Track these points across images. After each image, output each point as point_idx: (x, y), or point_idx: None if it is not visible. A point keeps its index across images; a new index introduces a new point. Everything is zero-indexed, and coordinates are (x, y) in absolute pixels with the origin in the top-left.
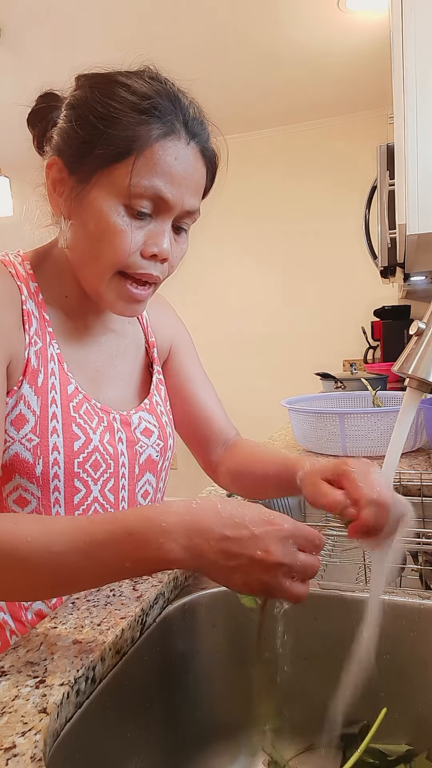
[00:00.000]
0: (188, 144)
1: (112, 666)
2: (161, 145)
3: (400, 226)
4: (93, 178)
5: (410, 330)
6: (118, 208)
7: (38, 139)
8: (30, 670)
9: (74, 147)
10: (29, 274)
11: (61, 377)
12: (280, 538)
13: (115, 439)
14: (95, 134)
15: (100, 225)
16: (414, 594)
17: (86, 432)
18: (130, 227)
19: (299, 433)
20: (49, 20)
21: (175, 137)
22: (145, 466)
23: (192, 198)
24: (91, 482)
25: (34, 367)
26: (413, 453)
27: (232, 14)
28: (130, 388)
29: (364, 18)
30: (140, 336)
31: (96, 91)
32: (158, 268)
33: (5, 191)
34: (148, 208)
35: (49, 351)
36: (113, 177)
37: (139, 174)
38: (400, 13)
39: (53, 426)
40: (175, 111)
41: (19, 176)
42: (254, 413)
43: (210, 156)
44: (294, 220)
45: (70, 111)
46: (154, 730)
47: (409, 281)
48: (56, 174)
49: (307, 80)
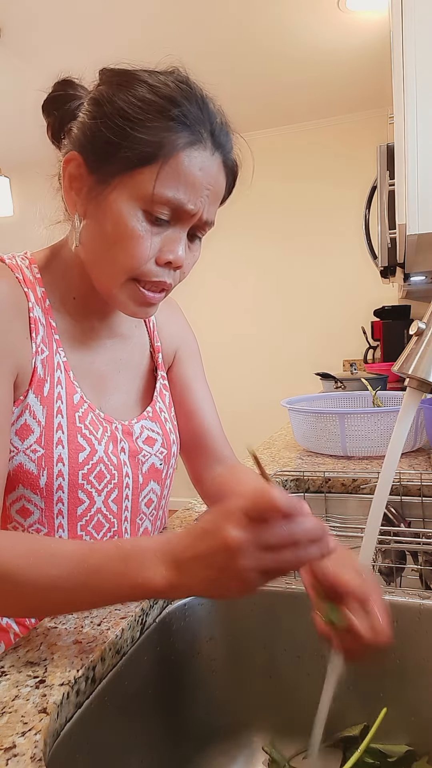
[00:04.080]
0: (213, 154)
1: (112, 666)
2: (187, 154)
3: (400, 226)
4: (114, 180)
5: (410, 330)
6: (137, 213)
7: (53, 128)
8: (30, 670)
9: (97, 146)
10: (36, 279)
11: (68, 386)
12: (233, 521)
13: (118, 449)
14: (121, 136)
15: (119, 228)
16: (414, 594)
17: (91, 443)
18: (148, 233)
19: (299, 433)
20: (49, 20)
21: (201, 146)
22: (148, 475)
23: (211, 208)
24: (95, 493)
25: (41, 377)
26: (413, 453)
27: (232, 14)
28: (132, 395)
29: (364, 18)
30: (145, 340)
31: (123, 90)
32: (171, 275)
33: (5, 191)
34: (167, 216)
35: (56, 359)
36: (136, 181)
37: (164, 181)
38: (400, 13)
39: (58, 437)
40: (203, 120)
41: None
42: (254, 413)
43: (231, 167)
44: (294, 219)
45: (94, 107)
46: (154, 730)
47: (409, 281)
48: (74, 170)
49: (307, 80)
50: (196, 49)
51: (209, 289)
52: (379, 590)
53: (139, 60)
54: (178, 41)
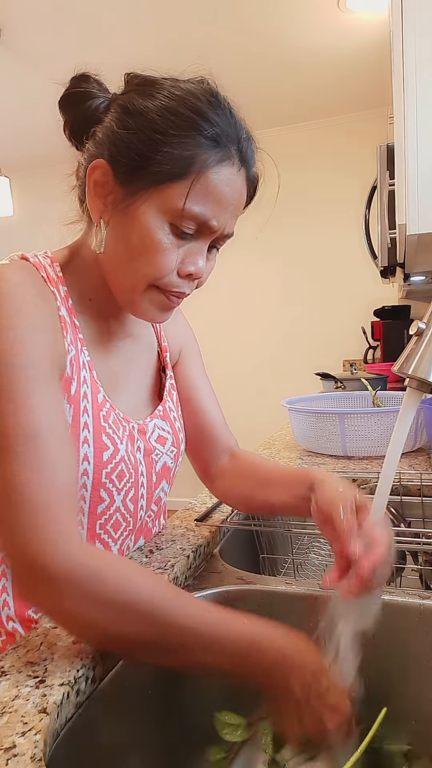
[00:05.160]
0: (239, 170)
1: (112, 666)
2: (216, 171)
3: (400, 226)
4: (144, 192)
5: (410, 330)
6: (164, 226)
7: (72, 127)
8: (30, 670)
9: (128, 158)
10: (59, 278)
11: (92, 386)
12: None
13: (134, 448)
14: (153, 149)
15: (146, 240)
16: (414, 594)
17: (114, 442)
18: (173, 246)
19: (299, 433)
20: (50, 20)
21: (229, 163)
22: (161, 474)
23: (232, 221)
24: (115, 492)
25: (69, 375)
26: (413, 453)
27: (232, 14)
28: (143, 394)
29: (364, 18)
30: (153, 340)
31: (156, 102)
32: (190, 285)
33: (5, 191)
34: (192, 230)
35: (81, 358)
36: (166, 195)
37: (194, 198)
38: (400, 13)
39: (84, 436)
40: (232, 136)
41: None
42: (254, 413)
43: (253, 180)
44: (294, 219)
45: (125, 116)
46: (154, 730)
47: (409, 281)
48: (100, 177)
49: (307, 80)
50: (197, 50)
51: (209, 289)
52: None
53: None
54: (177, 42)
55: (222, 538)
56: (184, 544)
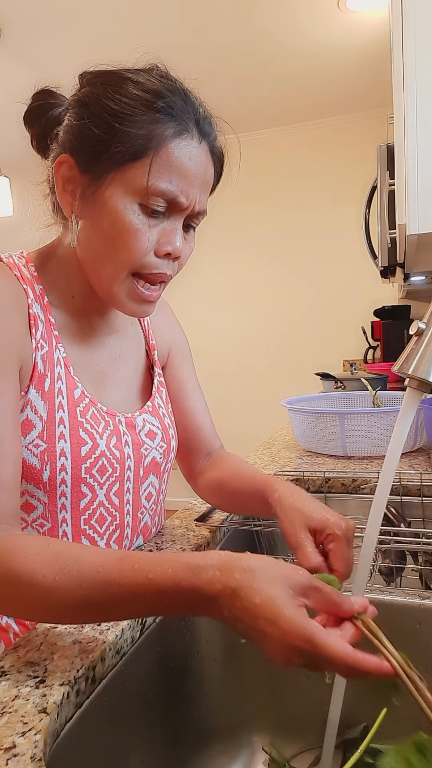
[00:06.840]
0: (200, 143)
1: (112, 666)
2: (176, 145)
3: (400, 226)
4: (107, 176)
5: (410, 330)
6: (133, 207)
7: (37, 138)
8: (30, 670)
9: (88, 145)
10: (34, 276)
11: (68, 381)
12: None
13: (122, 443)
14: (110, 132)
15: (116, 224)
16: (414, 594)
17: (93, 437)
18: (146, 226)
19: (299, 433)
20: (50, 20)
21: (188, 136)
22: (149, 468)
23: (202, 197)
24: (97, 487)
25: (41, 372)
26: (413, 453)
27: (232, 14)
28: (133, 390)
29: (364, 18)
30: (141, 337)
31: (108, 89)
32: (170, 266)
33: (5, 191)
34: (162, 207)
35: (56, 355)
36: (129, 176)
37: (156, 173)
38: (400, 12)
39: (60, 431)
40: (187, 110)
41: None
42: (254, 413)
43: (218, 155)
44: (294, 220)
45: (81, 108)
46: (153, 730)
47: (409, 281)
48: (66, 172)
49: (307, 80)
50: (197, 50)
51: (209, 289)
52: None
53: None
54: (177, 42)
55: (222, 538)
56: (184, 544)
